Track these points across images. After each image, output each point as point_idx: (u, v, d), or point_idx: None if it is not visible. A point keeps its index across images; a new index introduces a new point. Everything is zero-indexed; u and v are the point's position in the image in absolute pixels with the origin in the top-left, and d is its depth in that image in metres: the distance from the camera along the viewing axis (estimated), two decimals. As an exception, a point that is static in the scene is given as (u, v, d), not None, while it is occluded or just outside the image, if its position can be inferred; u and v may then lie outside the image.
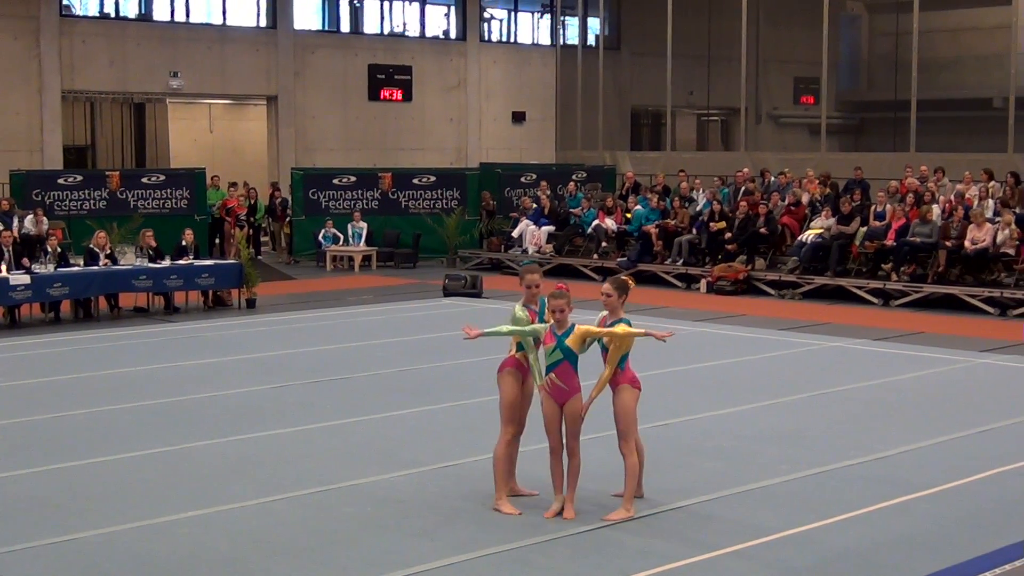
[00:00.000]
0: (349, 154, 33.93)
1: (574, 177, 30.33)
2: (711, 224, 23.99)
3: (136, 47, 30.96)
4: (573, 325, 8.52)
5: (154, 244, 20.35)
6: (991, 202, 21.87)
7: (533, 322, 8.67)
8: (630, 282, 8.95)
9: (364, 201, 29.04)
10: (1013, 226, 20.36)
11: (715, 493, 9.20)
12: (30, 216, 23.03)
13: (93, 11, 31.20)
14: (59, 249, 19.74)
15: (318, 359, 15.47)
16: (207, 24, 32.45)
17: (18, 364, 15.37)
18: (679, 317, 19.14)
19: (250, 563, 7.72)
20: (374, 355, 15.82)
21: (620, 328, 8.56)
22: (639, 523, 8.44)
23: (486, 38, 37.73)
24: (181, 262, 20.34)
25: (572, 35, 38.87)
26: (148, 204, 26.85)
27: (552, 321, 8.51)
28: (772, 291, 22.46)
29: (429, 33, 36.56)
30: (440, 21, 36.78)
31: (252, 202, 28.96)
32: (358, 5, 35.24)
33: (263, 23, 33.23)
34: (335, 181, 29.19)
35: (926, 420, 11.88)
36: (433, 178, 29.90)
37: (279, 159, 33.16)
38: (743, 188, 25.13)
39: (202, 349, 16.39)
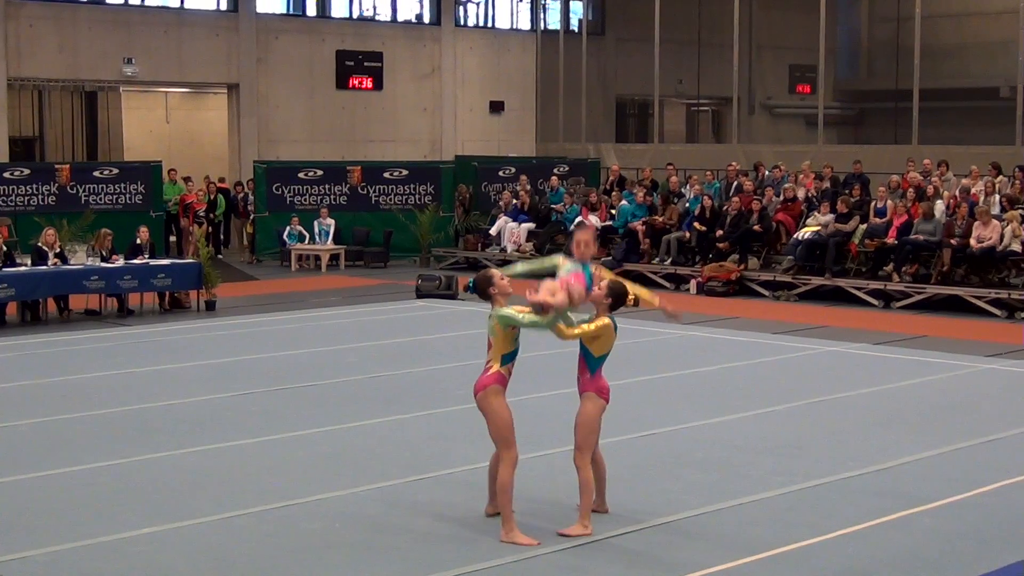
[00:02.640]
0: (315, 146, 33.90)
1: (555, 171, 30.33)
2: (695, 224, 24.04)
3: (87, 31, 30.85)
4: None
5: (111, 247, 20.29)
6: (998, 198, 21.97)
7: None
8: (630, 298, 8.84)
9: (332, 196, 29.00)
10: (1018, 223, 20.45)
11: (704, 507, 9.21)
12: (-27, 212, 22.96)
13: (41, -7, 31.11)
14: (4, 247, 19.65)
15: (282, 365, 15.44)
16: (163, 7, 32.37)
17: (-40, 371, 15.31)
18: (667, 320, 19.12)
19: (208, 584, 7.71)
20: (342, 361, 15.80)
21: (602, 320, 8.50)
22: (622, 539, 8.46)
23: (462, 22, 37.74)
24: (136, 261, 20.27)
25: (553, 19, 38.95)
26: (100, 199, 26.75)
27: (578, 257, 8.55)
28: (766, 292, 22.52)
29: (401, 17, 36.55)
30: (413, 4, 36.79)
31: (212, 197, 28.92)
32: (325, -13, 35.24)
33: (223, 6, 33.15)
34: (300, 175, 29.13)
35: (928, 430, 11.93)
36: (405, 172, 29.86)
37: (240, 151, 33.10)
38: (735, 184, 25.20)
39: (158, 354, 16.34)
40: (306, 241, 27.87)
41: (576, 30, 38.15)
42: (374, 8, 36.16)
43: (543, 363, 13.27)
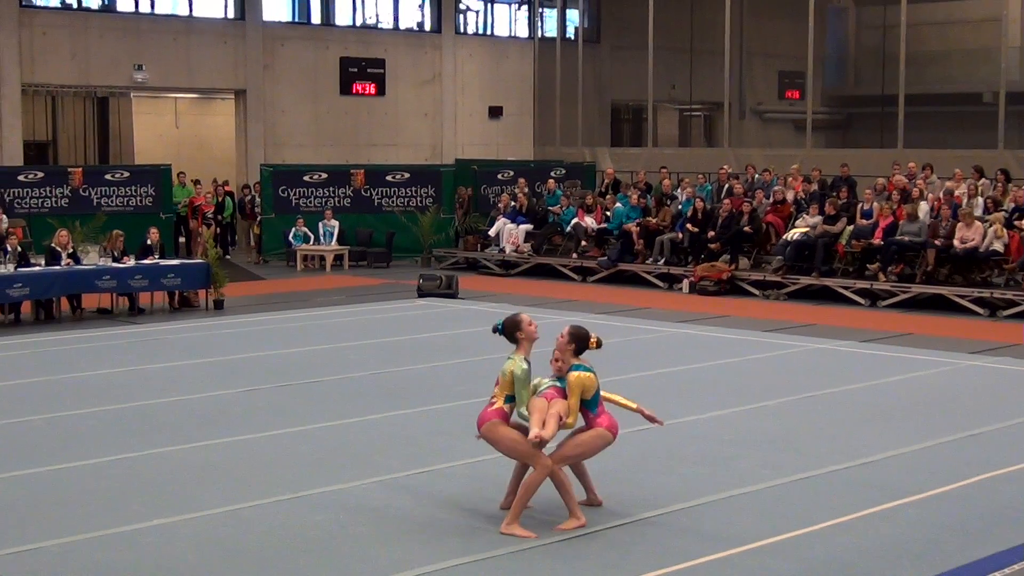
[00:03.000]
0: (320, 150, 33.90)
1: (552, 174, 30.35)
2: (688, 225, 24.04)
3: (99, 39, 30.84)
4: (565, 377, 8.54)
5: (122, 248, 20.28)
6: (981, 200, 21.97)
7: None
8: (593, 341, 8.70)
9: (336, 199, 29.00)
10: (1002, 225, 20.47)
11: (696, 500, 9.21)
12: (-11, 214, 22.96)
13: (54, 1, 31.09)
14: (19, 248, 19.64)
15: (288, 362, 15.43)
16: (173, 15, 32.36)
17: (-24, 368, 15.30)
18: (660, 318, 19.17)
19: (217, 574, 7.69)
20: (346, 358, 15.79)
21: (574, 376, 8.49)
22: (617, 531, 8.46)
23: (462, 30, 37.73)
24: (146, 262, 20.28)
25: (550, 27, 38.95)
26: (112, 202, 26.75)
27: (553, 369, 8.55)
28: (756, 291, 22.52)
29: (403, 25, 36.55)
30: (414, 13, 36.77)
31: (220, 199, 28.92)
32: (329, -4, 35.23)
33: (231, 14, 33.14)
34: (306, 178, 29.14)
35: (914, 424, 11.92)
36: (407, 175, 29.88)
37: (247, 155, 33.09)
38: (726, 186, 25.20)
39: (168, 352, 16.33)
40: (311, 242, 27.86)
41: (572, 38, 38.13)
42: (377, 16, 36.15)
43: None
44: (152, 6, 31.88)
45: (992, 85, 30.78)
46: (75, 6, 31.16)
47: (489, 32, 38.57)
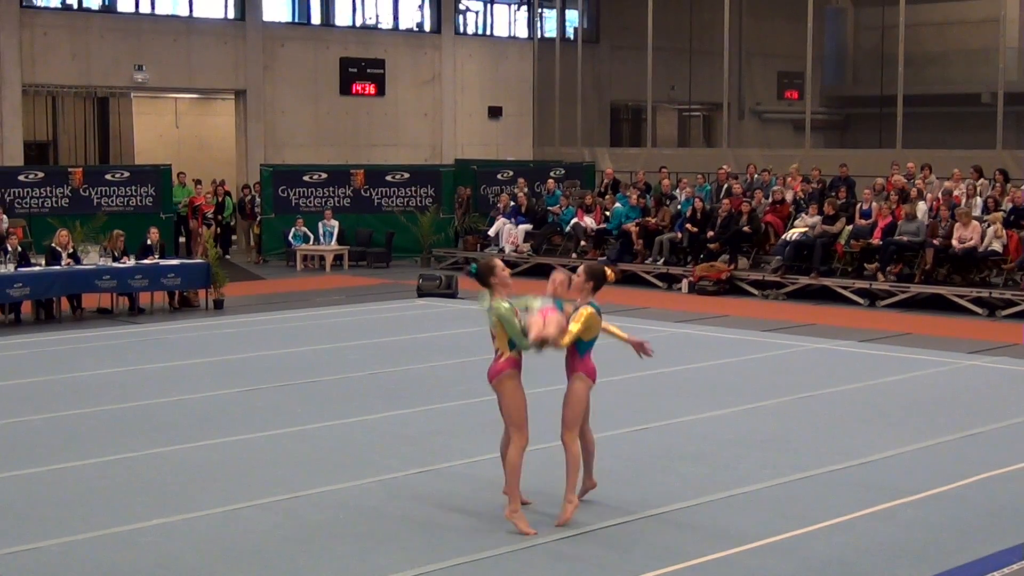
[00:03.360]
0: (320, 150, 33.88)
1: (552, 174, 30.33)
2: (687, 225, 24.04)
3: (99, 39, 30.83)
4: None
5: (122, 248, 20.28)
6: (979, 200, 21.97)
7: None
8: (609, 273, 8.79)
9: (335, 199, 29.00)
10: (1000, 225, 20.46)
11: (695, 499, 9.21)
12: (-11, 214, 22.95)
13: (55, 2, 31.07)
14: (19, 248, 19.64)
15: (287, 362, 15.42)
16: (173, 16, 32.34)
17: (-24, 367, 15.29)
18: (660, 318, 19.17)
19: (217, 573, 7.69)
20: (345, 358, 15.79)
21: (585, 311, 8.46)
22: (617, 529, 8.45)
23: (461, 31, 37.71)
24: (146, 262, 20.27)
25: (550, 28, 38.92)
26: (112, 202, 26.74)
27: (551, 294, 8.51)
28: (755, 291, 22.51)
29: (403, 25, 36.53)
30: (414, 13, 36.75)
31: (220, 200, 28.91)
32: (329, -4, 35.22)
33: (231, 15, 33.13)
34: (305, 178, 29.14)
35: (912, 424, 11.92)
36: (407, 175, 29.88)
37: (247, 155, 33.07)
38: (726, 186, 25.19)
39: (168, 352, 16.33)
40: (311, 242, 27.85)
41: (572, 38, 38.10)
42: (377, 17, 36.12)
43: (537, 359, 13.26)
44: (152, 7, 31.86)
45: (990, 86, 30.76)
46: (76, 7, 31.13)
47: (489, 32, 38.55)
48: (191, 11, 32.53)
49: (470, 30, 38.14)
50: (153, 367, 15.06)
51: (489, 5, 38.50)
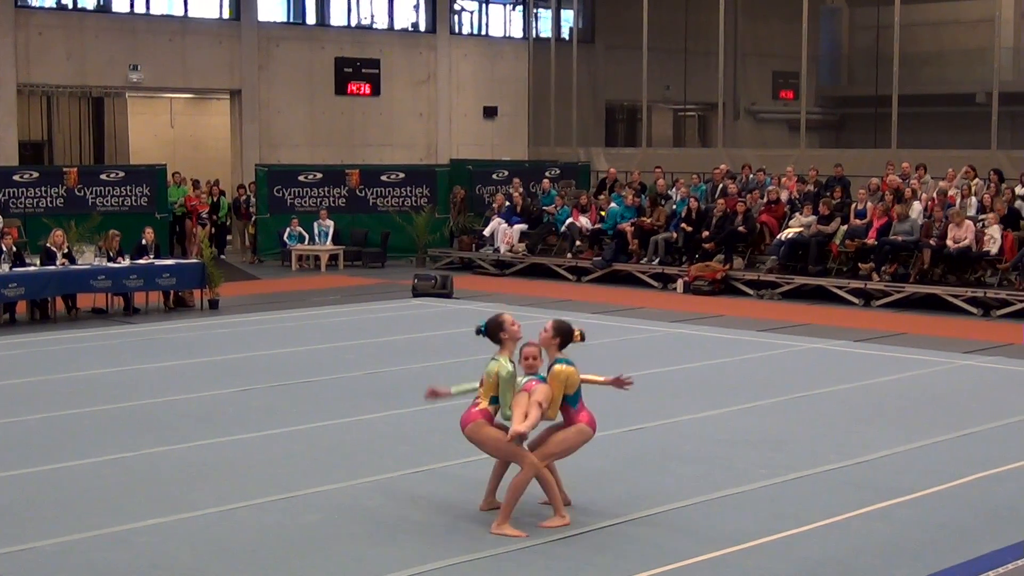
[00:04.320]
0: (315, 150, 33.85)
1: (547, 174, 30.34)
2: (682, 225, 24.04)
3: (94, 39, 30.79)
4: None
5: (118, 247, 20.26)
6: (974, 200, 21.98)
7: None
8: (576, 334, 8.61)
9: (331, 199, 28.98)
10: (996, 225, 20.48)
11: (691, 499, 9.21)
12: (-17, 214, 22.92)
13: (50, 2, 31.01)
14: (14, 248, 19.61)
15: (282, 362, 15.41)
16: (168, 16, 32.30)
17: (-29, 367, 15.26)
18: (655, 318, 19.17)
19: (212, 573, 7.67)
20: (341, 358, 15.78)
21: (558, 368, 8.40)
22: (612, 530, 8.45)
23: (456, 30, 37.68)
24: (141, 262, 20.24)
25: (545, 28, 38.90)
26: (107, 202, 26.72)
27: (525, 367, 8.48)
28: (750, 291, 22.52)
29: (398, 25, 36.49)
30: (409, 13, 36.73)
31: (215, 199, 28.88)
32: (324, -4, 35.19)
33: (226, 14, 33.09)
34: (300, 178, 29.13)
35: (908, 424, 11.92)
36: (402, 175, 29.87)
37: (243, 155, 33.04)
38: (721, 186, 25.20)
39: (163, 351, 16.31)
40: (306, 242, 27.84)
41: (567, 38, 38.10)
42: (372, 17, 36.10)
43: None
44: (147, 6, 31.82)
45: (985, 86, 30.76)
46: (71, 6, 31.09)
47: (484, 32, 38.51)
48: (186, 11, 32.49)
49: (465, 30, 38.12)
50: (148, 367, 15.05)
51: (484, 5, 38.46)
